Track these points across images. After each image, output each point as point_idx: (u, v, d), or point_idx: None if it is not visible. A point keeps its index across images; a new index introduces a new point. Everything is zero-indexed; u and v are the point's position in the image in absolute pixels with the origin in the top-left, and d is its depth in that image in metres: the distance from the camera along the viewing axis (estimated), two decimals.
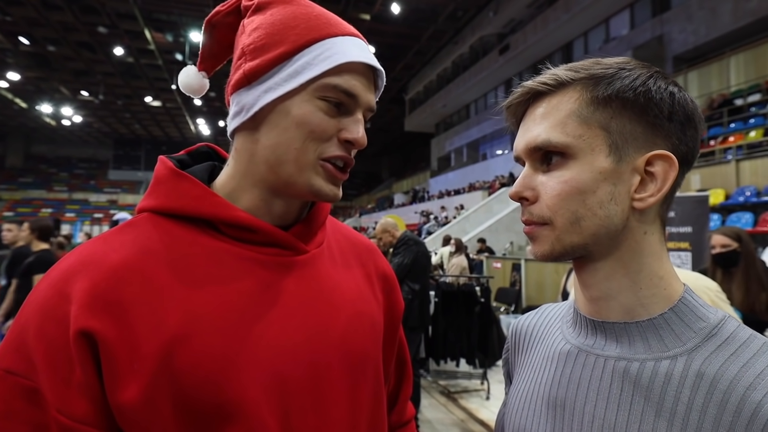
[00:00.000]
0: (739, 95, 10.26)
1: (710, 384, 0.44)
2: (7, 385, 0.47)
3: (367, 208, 30.82)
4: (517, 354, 0.66)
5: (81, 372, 0.47)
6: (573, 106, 0.49)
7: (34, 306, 0.49)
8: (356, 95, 0.57)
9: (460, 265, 5.97)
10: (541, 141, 0.50)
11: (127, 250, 0.52)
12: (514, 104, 0.54)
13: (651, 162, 0.49)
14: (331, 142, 0.57)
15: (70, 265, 0.51)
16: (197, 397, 0.48)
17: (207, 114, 30.47)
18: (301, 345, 0.55)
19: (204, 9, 17.49)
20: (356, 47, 0.58)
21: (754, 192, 7.82)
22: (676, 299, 0.50)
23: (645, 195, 0.49)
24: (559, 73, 0.51)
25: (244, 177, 0.59)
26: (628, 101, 0.48)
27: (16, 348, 0.48)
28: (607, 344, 0.51)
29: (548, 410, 0.54)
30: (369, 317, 0.65)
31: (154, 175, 0.59)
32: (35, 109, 28.62)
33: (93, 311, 0.48)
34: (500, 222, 13.05)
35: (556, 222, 0.50)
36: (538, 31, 16.36)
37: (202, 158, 0.67)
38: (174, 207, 0.56)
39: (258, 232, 0.57)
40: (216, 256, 0.55)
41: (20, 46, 20.21)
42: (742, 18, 10.65)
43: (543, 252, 0.52)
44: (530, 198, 0.51)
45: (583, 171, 0.48)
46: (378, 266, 0.73)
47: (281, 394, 0.53)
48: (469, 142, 23.68)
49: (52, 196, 36.21)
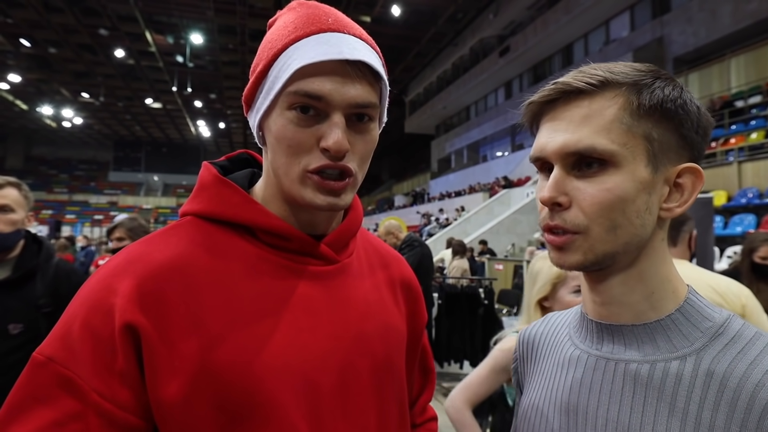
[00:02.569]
0: (740, 97, 10.26)
1: (720, 382, 0.45)
2: (46, 372, 0.49)
3: (368, 209, 30.82)
4: (527, 364, 0.67)
5: (124, 362, 0.49)
6: (617, 113, 0.48)
7: (83, 299, 0.52)
8: (323, 96, 0.53)
9: (461, 268, 5.95)
10: (583, 147, 0.48)
11: (171, 251, 0.55)
12: (544, 102, 0.51)
13: (681, 174, 0.50)
14: (313, 154, 0.55)
15: (118, 263, 0.54)
16: (231, 398, 0.50)
17: (207, 116, 30.52)
18: (330, 352, 0.57)
19: (205, 11, 17.53)
20: (322, 44, 0.53)
21: (756, 194, 7.81)
22: (682, 300, 0.51)
23: (673, 205, 0.50)
24: (601, 73, 0.49)
25: (270, 188, 0.61)
26: (669, 112, 0.48)
27: (61, 336, 0.50)
28: (616, 347, 0.51)
29: (561, 416, 0.54)
30: (394, 327, 0.66)
31: (198, 180, 0.62)
32: (36, 111, 28.67)
33: (139, 306, 0.50)
34: (501, 224, 13.05)
35: (592, 230, 0.48)
36: (538, 33, 16.38)
37: (241, 165, 0.70)
38: (216, 212, 0.58)
39: (292, 241, 0.59)
40: (252, 262, 0.57)
41: (21, 48, 20.26)
42: (743, 20, 10.65)
43: (573, 262, 0.49)
44: (564, 203, 0.49)
45: (626, 180, 0.47)
46: (404, 277, 0.74)
47: (311, 399, 0.54)
48: (470, 144, 23.70)
49: (53, 197, 36.21)
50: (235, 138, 36.08)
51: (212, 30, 19.09)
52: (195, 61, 21.88)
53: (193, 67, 22.29)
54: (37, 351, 0.50)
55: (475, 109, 23.42)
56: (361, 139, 0.57)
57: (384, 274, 0.71)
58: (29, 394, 0.49)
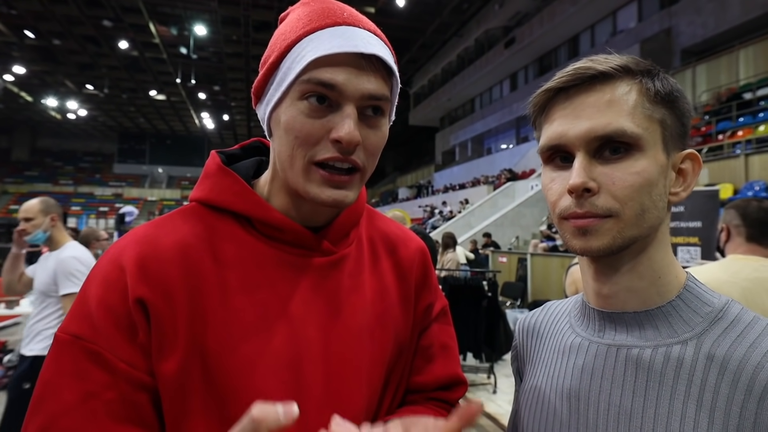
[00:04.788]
0: (748, 89, 10.13)
1: (720, 365, 0.46)
2: (75, 349, 0.51)
3: (371, 202, 30.82)
4: (526, 351, 0.67)
5: (143, 335, 0.52)
6: (638, 98, 0.49)
7: (97, 278, 0.54)
8: (336, 85, 0.52)
9: (455, 260, 5.96)
10: (612, 129, 0.48)
11: (176, 235, 0.57)
12: (560, 88, 0.51)
13: (684, 160, 0.53)
14: (321, 145, 0.54)
15: (126, 242, 0.57)
16: (216, 380, 0.52)
17: (211, 108, 30.51)
18: (319, 342, 0.58)
19: (208, 2, 17.45)
20: (337, 37, 0.54)
21: (763, 186, 7.73)
22: (682, 286, 0.52)
23: (679, 190, 0.53)
24: (619, 60, 0.50)
25: (275, 180, 0.62)
26: (677, 101, 0.51)
27: (81, 316, 0.53)
28: (618, 334, 0.53)
29: (563, 402, 0.55)
30: (392, 317, 0.66)
31: (204, 168, 0.64)
32: (41, 103, 28.76)
33: (145, 283, 0.53)
34: (505, 216, 13.01)
35: (624, 214, 0.48)
36: (544, 24, 16.21)
37: (254, 153, 0.71)
38: (216, 200, 0.60)
39: (288, 232, 0.59)
40: (248, 251, 0.58)
41: (25, 40, 20.28)
42: (752, 10, 10.49)
43: (602, 246, 0.49)
44: (593, 189, 0.49)
45: (651, 164, 0.49)
46: (411, 257, 0.72)
47: (296, 387, 0.55)
48: (474, 136, 23.60)
49: (58, 189, 36.36)
50: (239, 130, 36.07)
51: (216, 21, 19.02)
52: (199, 53, 21.82)
53: (196, 59, 22.23)
54: (60, 330, 0.53)
55: (479, 101, 23.28)
56: (372, 133, 0.56)
57: (390, 260, 0.70)
58: (60, 370, 0.51)
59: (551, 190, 0.52)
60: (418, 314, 0.71)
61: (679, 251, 4.75)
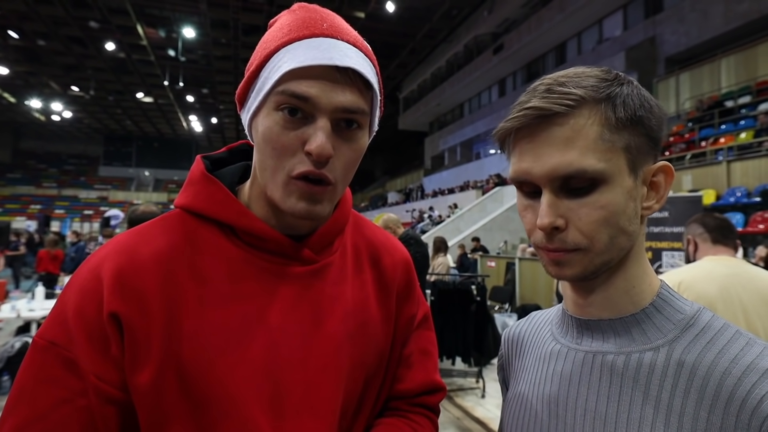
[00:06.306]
0: (729, 97, 10.37)
1: (690, 371, 0.47)
2: (50, 355, 0.52)
3: (361, 206, 30.79)
4: (512, 360, 0.68)
5: (116, 348, 0.52)
6: (598, 129, 0.48)
7: (75, 287, 0.55)
8: (310, 98, 0.53)
9: (446, 264, 5.99)
10: (574, 170, 0.47)
11: (156, 244, 0.57)
12: (524, 127, 0.50)
13: (655, 173, 0.52)
14: (297, 157, 0.54)
15: (107, 252, 0.56)
16: (193, 390, 0.52)
17: (199, 111, 30.28)
18: (299, 351, 0.58)
19: (197, 5, 17.36)
20: (313, 49, 0.54)
21: (745, 192, 7.91)
22: (656, 293, 0.53)
23: (651, 203, 0.53)
24: (575, 91, 0.49)
25: (255, 187, 0.61)
26: (641, 120, 0.49)
27: (58, 323, 0.53)
28: (595, 342, 0.54)
29: (544, 407, 0.56)
30: (373, 327, 0.66)
31: (188, 174, 0.63)
32: (24, 104, 28.25)
33: (121, 297, 0.53)
34: (494, 221, 13.10)
35: (593, 247, 0.49)
36: (532, 30, 16.41)
37: (241, 156, 0.70)
38: (199, 208, 0.60)
39: (270, 242, 0.59)
40: (230, 260, 0.58)
41: (9, 40, 19.94)
42: (733, 20, 10.76)
43: (575, 274, 0.51)
44: (561, 226, 0.49)
45: (617, 194, 0.49)
46: (394, 267, 0.72)
47: (275, 397, 0.55)
48: (463, 141, 23.73)
49: (41, 192, 35.71)
50: (228, 133, 35.83)
51: (205, 24, 18.92)
52: (187, 56, 21.66)
53: (185, 62, 22.07)
54: (37, 335, 0.54)
55: (468, 107, 23.45)
56: (347, 146, 0.56)
57: (373, 271, 0.70)
58: (35, 375, 0.52)
59: (525, 218, 0.53)
60: (401, 326, 0.71)
61: (663, 256, 4.82)
